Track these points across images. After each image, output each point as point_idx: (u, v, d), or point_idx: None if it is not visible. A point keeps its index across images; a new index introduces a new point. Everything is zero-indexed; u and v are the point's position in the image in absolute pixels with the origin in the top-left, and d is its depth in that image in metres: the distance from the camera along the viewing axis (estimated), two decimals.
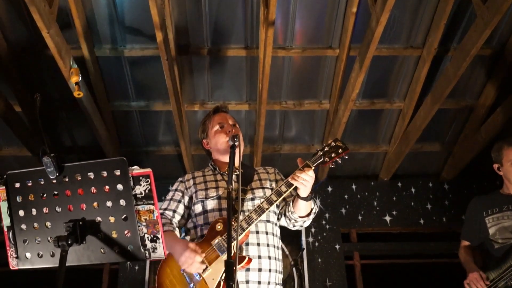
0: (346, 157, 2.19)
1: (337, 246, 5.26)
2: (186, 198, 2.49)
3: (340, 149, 2.21)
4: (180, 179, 2.60)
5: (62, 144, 5.16)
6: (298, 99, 4.82)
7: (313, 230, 5.31)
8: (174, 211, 2.47)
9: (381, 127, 5.18)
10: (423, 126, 4.53)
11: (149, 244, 1.82)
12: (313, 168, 2.18)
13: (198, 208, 2.41)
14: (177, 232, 2.44)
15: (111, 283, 5.11)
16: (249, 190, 2.44)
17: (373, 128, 5.22)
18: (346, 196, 5.55)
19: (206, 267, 2.17)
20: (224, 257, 2.15)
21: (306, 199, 2.22)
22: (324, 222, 5.38)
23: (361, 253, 5.37)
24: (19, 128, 4.47)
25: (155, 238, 1.81)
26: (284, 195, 2.21)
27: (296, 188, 2.21)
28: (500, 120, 4.51)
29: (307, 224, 2.42)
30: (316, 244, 5.26)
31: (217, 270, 2.16)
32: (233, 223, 2.18)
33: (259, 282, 2.22)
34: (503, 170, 2.98)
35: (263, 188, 2.47)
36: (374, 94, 4.76)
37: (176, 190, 2.55)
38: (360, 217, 5.43)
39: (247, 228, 2.19)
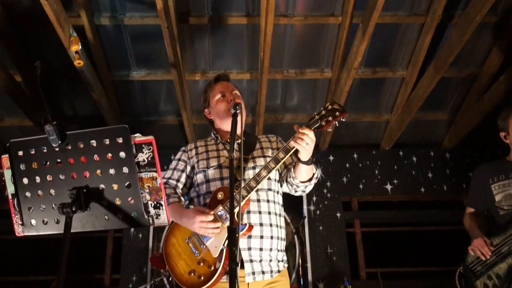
0: (343, 119, 2.10)
1: (338, 214, 5.31)
2: (189, 168, 2.49)
3: (337, 112, 2.11)
4: (183, 148, 2.59)
5: (64, 114, 5.16)
6: (299, 68, 4.78)
7: (314, 198, 5.36)
8: (178, 181, 2.48)
9: (383, 96, 5.16)
10: (425, 94, 4.51)
11: (152, 211, 1.83)
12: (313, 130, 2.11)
13: (200, 177, 2.41)
14: (182, 202, 2.45)
15: (115, 251, 5.19)
16: (250, 158, 2.42)
17: (375, 97, 5.20)
18: (347, 165, 5.58)
19: (218, 227, 2.18)
20: (226, 225, 2.17)
21: (307, 163, 2.19)
22: (325, 191, 5.42)
23: (362, 221, 5.43)
24: (21, 98, 4.46)
25: (158, 205, 1.83)
26: (282, 161, 2.18)
27: (296, 153, 2.19)
28: (504, 88, 4.48)
29: (309, 189, 2.39)
30: (318, 212, 5.31)
31: (220, 238, 2.17)
32: (234, 191, 2.20)
33: (260, 249, 2.23)
34: (510, 138, 2.96)
35: (264, 156, 2.46)
36: (376, 62, 4.72)
37: (179, 159, 2.55)
38: (361, 186, 5.47)
39: (246, 196, 2.19)
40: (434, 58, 4.34)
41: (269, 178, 2.37)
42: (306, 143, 2.08)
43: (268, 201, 2.34)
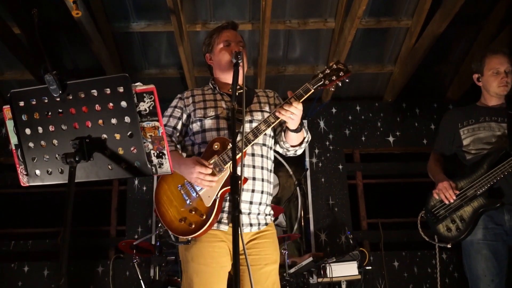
0: (347, 80, 2.12)
1: (340, 166, 5.35)
2: (185, 116, 2.45)
3: (342, 72, 2.12)
4: (179, 95, 2.53)
5: (64, 67, 5.12)
6: (302, 18, 4.68)
7: (316, 151, 5.38)
8: (174, 128, 2.44)
9: (387, 46, 5.07)
10: (430, 45, 4.42)
11: (155, 160, 1.84)
12: (312, 90, 2.12)
13: (196, 126, 2.39)
14: (179, 150, 2.44)
15: (120, 203, 5.27)
16: (248, 112, 2.41)
17: (379, 48, 5.12)
18: (350, 117, 5.56)
19: (214, 181, 2.20)
20: (220, 175, 2.18)
21: (295, 131, 2.22)
22: (327, 143, 5.43)
23: (364, 173, 5.47)
24: (20, 51, 4.41)
25: (161, 154, 1.83)
26: (280, 119, 2.17)
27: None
28: (510, 38, 4.40)
29: (299, 152, 2.43)
30: (320, 164, 5.34)
31: (214, 188, 2.18)
32: (230, 144, 2.20)
33: (250, 202, 2.26)
34: (483, 80, 2.91)
35: (262, 111, 2.44)
36: (381, 11, 4.61)
37: (175, 106, 2.49)
38: (363, 138, 5.48)
39: (244, 148, 2.19)
40: (440, 6, 4.22)
41: (264, 133, 2.39)
42: (291, 114, 2.10)
43: (262, 156, 2.35)
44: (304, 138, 2.35)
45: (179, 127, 2.46)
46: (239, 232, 1.71)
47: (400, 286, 4.86)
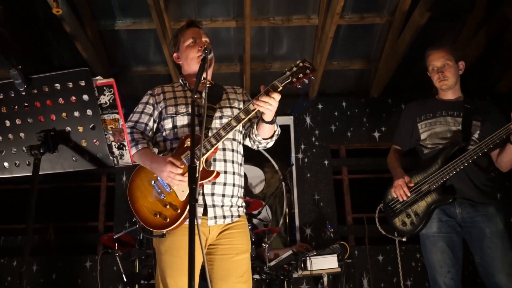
0: (313, 78, 2.18)
1: (326, 162, 5.39)
2: (156, 113, 2.49)
3: (308, 70, 2.14)
4: (149, 92, 2.57)
5: (52, 64, 5.15)
6: (286, 15, 4.72)
7: (303, 146, 5.43)
8: (146, 125, 2.48)
9: (372, 42, 5.11)
10: (412, 38, 4.46)
11: (116, 152, 1.90)
12: (280, 88, 2.15)
13: (167, 123, 2.43)
14: (151, 147, 2.48)
15: (108, 199, 5.33)
16: (217, 108, 2.45)
17: (364, 44, 5.16)
18: (336, 113, 5.60)
19: (184, 180, 2.25)
20: None
21: (270, 122, 2.25)
22: (314, 139, 5.48)
23: (349, 168, 5.52)
24: None
25: (121, 146, 1.89)
26: (252, 113, 2.21)
27: (260, 112, 2.24)
28: (491, 32, 4.44)
29: (270, 145, 2.47)
30: (306, 160, 5.39)
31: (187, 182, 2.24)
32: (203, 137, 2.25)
33: (223, 195, 2.32)
34: (431, 77, 2.96)
35: (231, 107, 2.49)
36: (364, 7, 4.64)
37: (146, 103, 2.53)
38: (349, 134, 5.52)
39: (215, 144, 2.24)
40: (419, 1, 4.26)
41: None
42: (269, 105, 2.14)
43: (232, 150, 2.41)
44: (275, 131, 2.40)
45: (150, 123, 2.50)
46: (195, 222, 1.74)
47: (385, 280, 4.90)
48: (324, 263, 3.89)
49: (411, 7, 4.38)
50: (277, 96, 2.14)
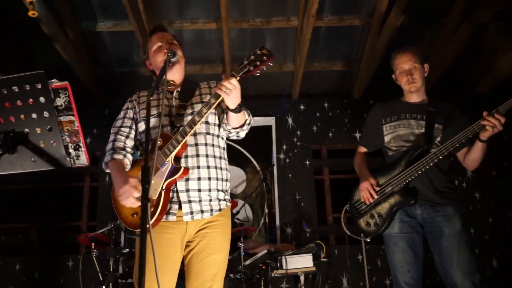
0: (271, 64, 2.16)
1: (307, 162, 5.44)
2: (135, 117, 2.58)
3: (265, 57, 2.15)
4: (129, 99, 2.66)
5: (35, 65, 5.19)
6: (266, 17, 4.77)
7: (284, 147, 5.48)
8: (130, 128, 2.55)
9: (352, 44, 5.16)
10: (390, 39, 4.51)
11: (73, 152, 1.96)
12: (238, 78, 2.17)
13: (141, 126, 2.51)
14: (126, 159, 2.47)
15: (91, 199, 5.38)
16: (189, 105, 2.50)
17: (345, 45, 5.20)
18: (318, 114, 5.65)
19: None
20: (163, 169, 2.29)
21: (234, 110, 2.28)
22: (295, 139, 5.53)
23: (331, 169, 5.58)
24: None
25: (77, 147, 1.95)
26: (213, 107, 2.25)
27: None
28: (468, 33, 4.49)
29: (242, 134, 2.50)
30: (287, 160, 5.44)
31: (158, 182, 2.28)
32: (171, 135, 2.31)
33: (199, 190, 2.36)
34: (397, 79, 3.00)
35: (202, 102, 2.53)
36: (342, 10, 4.69)
37: (127, 109, 2.62)
38: (330, 134, 5.57)
39: (181, 140, 2.28)
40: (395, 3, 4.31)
41: (207, 123, 2.48)
42: (227, 89, 2.15)
43: (206, 144, 2.44)
44: (246, 120, 2.43)
45: (134, 126, 2.57)
46: (147, 222, 1.79)
47: (364, 279, 4.95)
48: (300, 262, 3.94)
49: (388, 9, 4.43)
50: (232, 80, 2.15)
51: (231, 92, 2.16)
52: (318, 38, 4.98)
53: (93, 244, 3.73)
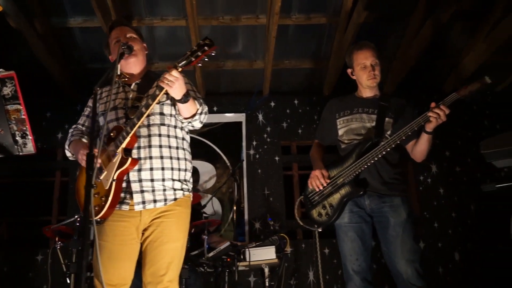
0: (213, 53, 2.16)
1: (277, 158, 5.53)
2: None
3: (206, 47, 2.17)
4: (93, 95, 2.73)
5: (9, 62, 5.18)
6: (235, 14, 4.84)
7: (254, 143, 5.56)
8: (83, 125, 2.66)
9: (321, 42, 5.25)
10: (354, 37, 4.61)
11: (20, 140, 2.02)
12: (179, 69, 2.20)
13: (101, 120, 2.57)
14: (84, 139, 2.58)
15: (61, 194, 5.41)
16: (145, 97, 2.54)
17: (314, 43, 5.28)
18: (288, 111, 5.75)
19: (102, 169, 2.38)
20: (114, 160, 2.35)
21: (180, 101, 2.33)
22: (265, 136, 5.62)
23: (300, 164, 5.67)
24: None
25: (24, 135, 2.01)
26: (158, 98, 2.29)
27: None
28: (431, 32, 4.61)
29: (196, 124, 2.53)
30: (257, 156, 5.52)
31: (110, 172, 2.34)
32: (123, 127, 2.37)
33: (152, 180, 2.42)
34: (355, 75, 3.07)
35: None
36: (310, 8, 4.78)
37: (87, 106, 2.74)
38: (300, 131, 5.67)
39: (130, 132, 2.33)
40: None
41: (162, 114, 2.53)
42: (169, 81, 2.20)
43: (160, 135, 2.50)
44: (198, 110, 2.46)
45: (87, 123, 2.66)
46: (91, 206, 1.86)
47: (330, 272, 5.05)
48: (263, 255, 4.02)
49: (354, 7, 4.53)
50: (173, 72, 2.18)
51: (173, 83, 2.21)
52: (287, 36, 5.07)
53: (57, 236, 3.77)
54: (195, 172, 5.36)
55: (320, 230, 2.99)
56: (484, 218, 5.32)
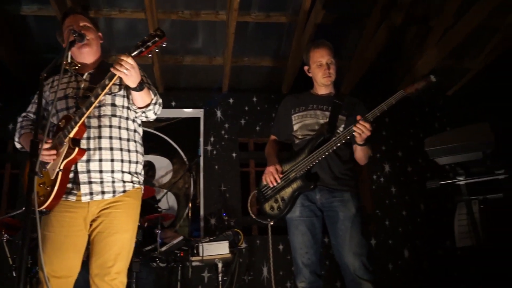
0: (164, 44, 2.16)
1: (234, 155, 5.56)
2: (44, 101, 2.57)
3: (157, 38, 2.15)
4: (44, 82, 2.63)
5: None
6: (195, 9, 4.82)
7: (212, 139, 5.57)
8: (33, 114, 2.59)
9: (280, 40, 5.29)
10: (311, 36, 4.68)
11: None
12: (132, 56, 2.16)
13: (51, 109, 2.51)
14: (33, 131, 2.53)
15: (11, 187, 5.26)
16: (97, 87, 2.52)
17: (273, 42, 5.32)
18: (246, 108, 5.79)
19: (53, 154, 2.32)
20: (61, 150, 2.31)
21: (135, 89, 2.31)
22: (223, 132, 5.64)
23: (257, 161, 5.72)
24: None
25: None
26: (107, 88, 2.25)
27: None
28: (386, 33, 4.74)
29: (150, 115, 2.51)
30: (214, 152, 5.53)
31: (57, 162, 2.30)
32: (72, 117, 2.33)
33: (100, 171, 2.39)
34: (311, 72, 3.14)
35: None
36: (270, 6, 4.81)
37: (36, 93, 2.62)
38: (258, 128, 5.72)
39: (78, 121, 2.29)
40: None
41: (114, 105, 2.50)
42: (125, 69, 2.17)
43: (110, 126, 2.46)
44: (152, 100, 2.45)
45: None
46: (34, 192, 1.82)
47: (283, 268, 5.12)
48: (216, 249, 4.03)
49: (313, 7, 4.60)
50: (127, 59, 2.16)
51: (128, 71, 2.18)
52: (247, 33, 5.09)
53: (3, 229, 3.66)
54: (152, 167, 5.31)
55: (272, 223, 3.03)
56: (432, 216, 5.52)
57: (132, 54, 2.18)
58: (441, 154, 2.78)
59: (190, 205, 5.10)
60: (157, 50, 2.22)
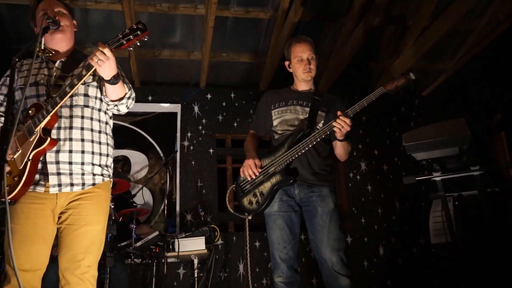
0: (145, 39, 2.14)
1: (211, 150, 5.52)
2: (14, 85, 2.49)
3: (139, 31, 2.12)
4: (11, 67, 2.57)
5: None
6: (173, 3, 4.76)
7: (189, 134, 5.52)
8: (1, 103, 2.48)
9: (259, 37, 5.27)
10: (289, 35, 4.68)
11: None
12: (110, 48, 2.12)
13: (18, 95, 2.42)
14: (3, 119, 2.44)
15: None
16: (69, 77, 2.43)
17: (252, 38, 5.30)
18: (224, 104, 5.76)
19: (17, 147, 2.25)
20: (31, 139, 2.23)
21: (109, 82, 2.26)
22: (200, 128, 5.59)
23: (234, 158, 5.69)
24: None
25: None
26: (84, 78, 2.21)
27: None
28: (364, 32, 4.77)
29: (122, 109, 2.48)
30: (191, 148, 5.48)
31: (26, 151, 2.22)
32: (43, 105, 2.25)
33: (70, 163, 2.32)
34: (292, 67, 3.15)
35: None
36: (249, 2, 4.78)
37: (5, 77, 2.54)
38: (235, 124, 5.69)
39: (51, 111, 2.22)
40: None
41: (86, 95, 2.45)
42: (99, 60, 2.12)
43: (82, 117, 2.41)
44: (126, 94, 2.41)
45: (5, 92, 2.48)
46: (3, 183, 1.75)
47: (259, 265, 5.10)
48: (192, 245, 3.99)
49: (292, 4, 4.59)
50: (107, 52, 2.12)
51: (103, 62, 2.14)
52: (226, 28, 5.05)
53: None
54: (127, 162, 5.23)
55: (250, 218, 3.00)
56: (407, 214, 5.59)
57: (113, 47, 2.14)
58: (418, 149, 2.81)
59: (166, 200, 5.03)
60: (138, 44, 2.18)
